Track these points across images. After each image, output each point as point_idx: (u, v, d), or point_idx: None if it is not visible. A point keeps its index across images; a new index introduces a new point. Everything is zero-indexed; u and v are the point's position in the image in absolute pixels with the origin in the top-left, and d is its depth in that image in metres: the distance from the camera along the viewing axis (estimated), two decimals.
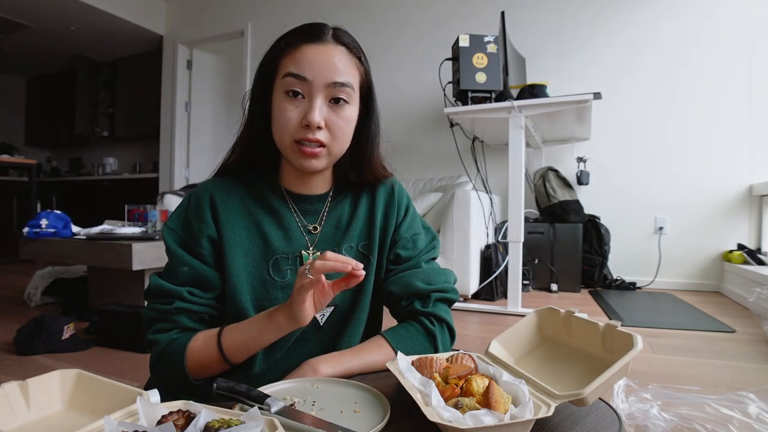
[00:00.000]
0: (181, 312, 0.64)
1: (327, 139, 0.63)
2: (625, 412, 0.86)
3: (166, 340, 0.63)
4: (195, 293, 0.65)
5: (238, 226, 0.68)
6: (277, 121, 0.64)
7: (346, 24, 0.67)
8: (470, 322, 2.09)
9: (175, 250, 0.67)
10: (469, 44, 2.17)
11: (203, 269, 0.66)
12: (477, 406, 0.44)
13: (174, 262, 0.67)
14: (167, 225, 0.69)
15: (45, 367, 1.52)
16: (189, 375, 0.60)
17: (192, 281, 0.65)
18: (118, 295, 2.14)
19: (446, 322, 0.71)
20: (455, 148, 2.84)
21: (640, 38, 2.95)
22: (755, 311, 1.82)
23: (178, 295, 0.64)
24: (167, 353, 0.62)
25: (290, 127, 0.62)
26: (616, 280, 2.85)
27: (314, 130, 0.62)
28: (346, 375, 0.62)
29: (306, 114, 0.61)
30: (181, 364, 0.60)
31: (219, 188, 0.69)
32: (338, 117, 0.63)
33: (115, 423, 0.38)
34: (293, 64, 0.62)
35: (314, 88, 0.61)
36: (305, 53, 0.62)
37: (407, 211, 0.78)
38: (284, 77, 0.62)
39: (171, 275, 0.66)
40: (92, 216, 3.94)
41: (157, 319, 0.64)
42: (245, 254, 0.67)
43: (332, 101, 0.63)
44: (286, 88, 0.62)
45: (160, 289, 0.65)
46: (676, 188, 2.88)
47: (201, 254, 0.66)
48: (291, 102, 0.62)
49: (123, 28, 4.51)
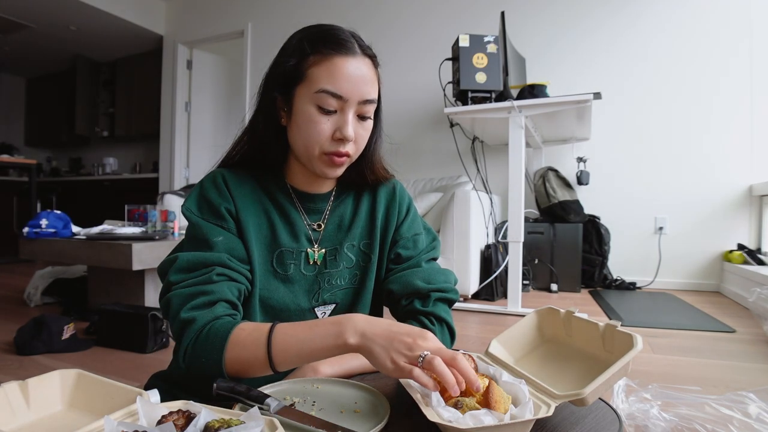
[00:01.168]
0: (223, 279, 0.59)
1: (353, 150, 0.65)
2: (625, 412, 0.86)
3: (208, 318, 0.55)
4: (233, 260, 0.62)
5: (250, 211, 0.67)
6: (304, 131, 0.63)
7: (344, 24, 0.67)
8: (470, 322, 2.09)
9: (204, 224, 0.63)
10: (469, 44, 2.17)
11: (235, 240, 0.64)
12: (477, 406, 0.45)
13: (204, 236, 0.62)
14: (186, 207, 0.65)
15: (45, 367, 1.52)
16: (224, 368, 0.53)
17: (228, 251, 0.62)
18: (118, 295, 2.14)
19: (446, 321, 0.72)
20: (455, 148, 2.83)
21: (641, 38, 2.95)
22: (755, 311, 1.82)
23: (218, 261, 0.59)
24: (207, 335, 0.54)
25: (321, 140, 0.63)
26: (616, 280, 2.85)
27: (345, 144, 0.63)
28: (346, 375, 0.63)
29: (340, 129, 0.62)
30: (220, 352, 0.53)
31: (230, 175, 0.68)
32: (363, 129, 0.65)
33: (115, 423, 0.38)
34: (329, 80, 0.60)
35: (348, 104, 0.62)
36: (339, 67, 0.61)
37: (408, 212, 0.78)
38: (318, 92, 0.60)
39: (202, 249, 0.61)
40: (92, 216, 3.94)
41: (193, 295, 0.57)
42: (256, 241, 0.67)
43: (359, 114, 0.64)
44: (321, 104, 0.61)
45: (195, 260, 0.59)
46: (676, 188, 2.88)
47: (228, 227, 0.65)
48: (324, 115, 0.62)
49: (123, 28, 4.51)
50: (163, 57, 4.72)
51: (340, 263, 0.72)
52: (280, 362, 0.53)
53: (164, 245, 1.98)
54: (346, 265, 0.73)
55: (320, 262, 0.71)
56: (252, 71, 4.22)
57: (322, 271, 0.71)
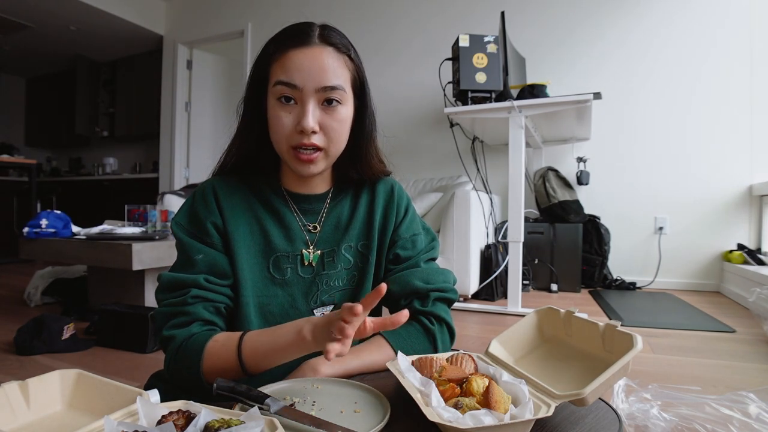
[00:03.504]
0: (197, 301, 0.61)
1: (323, 142, 0.64)
2: (625, 412, 0.86)
3: (185, 336, 0.60)
4: (212, 280, 0.63)
5: (240, 221, 0.68)
6: (272, 128, 0.64)
7: (345, 24, 0.67)
8: (470, 322, 2.09)
9: (187, 241, 0.66)
10: (469, 44, 2.17)
11: (217, 256, 0.65)
12: (477, 406, 0.45)
13: (187, 253, 0.65)
14: (175, 221, 0.68)
15: (45, 367, 1.52)
16: (203, 377, 0.57)
17: (208, 268, 0.64)
18: (118, 295, 2.14)
19: (446, 321, 0.72)
20: (455, 148, 2.83)
21: (641, 38, 2.95)
22: (755, 311, 1.82)
23: (193, 283, 0.62)
24: (184, 351, 0.59)
25: (285, 134, 0.63)
26: (616, 280, 2.85)
27: (309, 135, 0.62)
28: (346, 375, 0.63)
29: (300, 120, 0.62)
30: (197, 364, 0.57)
31: (222, 185, 0.69)
32: (332, 119, 0.63)
33: (115, 423, 0.38)
34: (282, 72, 0.61)
35: (305, 93, 0.61)
36: (293, 59, 0.61)
37: (407, 212, 0.78)
38: (275, 85, 0.62)
39: (184, 267, 0.65)
40: (92, 216, 3.95)
41: (173, 314, 0.62)
42: (247, 250, 0.67)
43: (325, 103, 0.63)
44: (278, 95, 0.62)
45: (174, 282, 0.63)
46: (675, 188, 2.88)
47: (212, 243, 0.66)
48: (284, 108, 0.62)
49: (123, 28, 4.51)
50: (163, 57, 4.72)
51: (338, 264, 0.72)
52: (250, 366, 0.57)
53: (164, 245, 1.97)
54: (344, 266, 0.72)
55: (316, 263, 0.71)
56: None
57: (320, 272, 0.71)
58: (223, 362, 0.57)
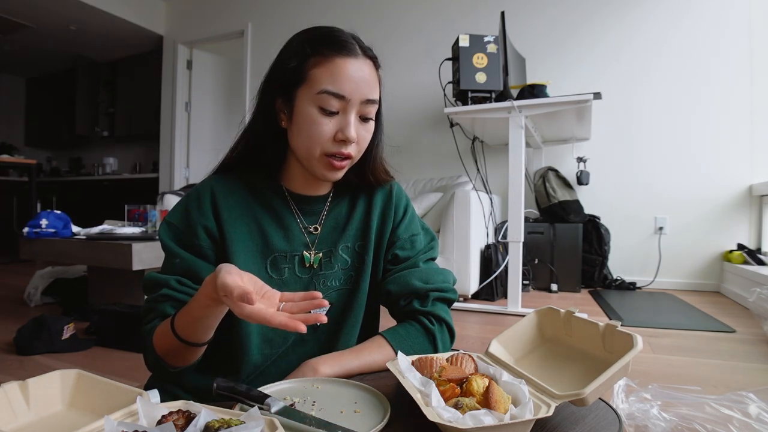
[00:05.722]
0: (165, 300, 0.62)
1: (355, 151, 0.65)
2: (625, 412, 0.86)
3: (148, 330, 0.62)
4: (184, 282, 0.64)
5: (238, 222, 0.68)
6: (306, 133, 0.63)
7: (344, 24, 0.67)
8: (470, 322, 2.09)
9: (168, 244, 0.66)
10: (469, 44, 2.17)
11: (195, 261, 0.65)
12: (477, 406, 0.44)
13: (167, 255, 0.67)
14: (165, 220, 0.69)
15: (45, 367, 1.52)
16: (162, 361, 0.60)
17: (184, 272, 0.65)
18: (118, 295, 2.14)
19: (446, 321, 0.71)
20: (455, 148, 2.83)
21: (641, 38, 2.95)
22: (755, 311, 1.82)
23: (165, 283, 0.63)
24: (146, 342, 0.62)
25: (322, 141, 0.62)
26: (616, 280, 2.85)
27: (348, 145, 0.63)
28: (346, 375, 0.63)
29: (342, 129, 0.62)
30: (153, 350, 0.60)
31: (220, 185, 0.69)
32: (365, 130, 0.65)
33: (115, 423, 0.38)
34: (330, 80, 0.60)
35: (350, 105, 0.62)
36: (341, 68, 0.61)
37: (405, 212, 0.78)
38: (320, 93, 0.61)
39: (164, 268, 0.67)
40: (92, 216, 3.94)
41: (146, 312, 0.64)
42: (245, 251, 0.67)
43: (362, 114, 0.64)
44: (323, 105, 0.61)
45: (151, 281, 0.65)
46: (676, 188, 2.88)
47: (199, 246, 0.66)
48: (326, 116, 0.62)
49: (123, 28, 4.51)
50: (163, 57, 4.72)
51: (335, 264, 0.72)
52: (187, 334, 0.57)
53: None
54: (341, 266, 0.72)
55: (317, 265, 0.71)
56: (252, 71, 4.22)
57: (317, 272, 0.71)
58: (167, 339, 0.58)
